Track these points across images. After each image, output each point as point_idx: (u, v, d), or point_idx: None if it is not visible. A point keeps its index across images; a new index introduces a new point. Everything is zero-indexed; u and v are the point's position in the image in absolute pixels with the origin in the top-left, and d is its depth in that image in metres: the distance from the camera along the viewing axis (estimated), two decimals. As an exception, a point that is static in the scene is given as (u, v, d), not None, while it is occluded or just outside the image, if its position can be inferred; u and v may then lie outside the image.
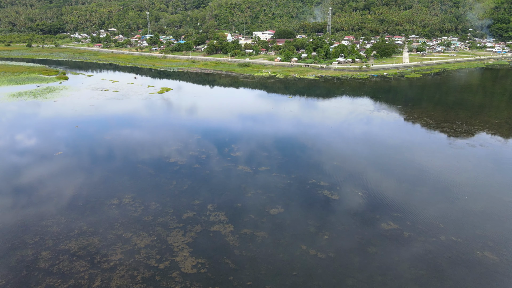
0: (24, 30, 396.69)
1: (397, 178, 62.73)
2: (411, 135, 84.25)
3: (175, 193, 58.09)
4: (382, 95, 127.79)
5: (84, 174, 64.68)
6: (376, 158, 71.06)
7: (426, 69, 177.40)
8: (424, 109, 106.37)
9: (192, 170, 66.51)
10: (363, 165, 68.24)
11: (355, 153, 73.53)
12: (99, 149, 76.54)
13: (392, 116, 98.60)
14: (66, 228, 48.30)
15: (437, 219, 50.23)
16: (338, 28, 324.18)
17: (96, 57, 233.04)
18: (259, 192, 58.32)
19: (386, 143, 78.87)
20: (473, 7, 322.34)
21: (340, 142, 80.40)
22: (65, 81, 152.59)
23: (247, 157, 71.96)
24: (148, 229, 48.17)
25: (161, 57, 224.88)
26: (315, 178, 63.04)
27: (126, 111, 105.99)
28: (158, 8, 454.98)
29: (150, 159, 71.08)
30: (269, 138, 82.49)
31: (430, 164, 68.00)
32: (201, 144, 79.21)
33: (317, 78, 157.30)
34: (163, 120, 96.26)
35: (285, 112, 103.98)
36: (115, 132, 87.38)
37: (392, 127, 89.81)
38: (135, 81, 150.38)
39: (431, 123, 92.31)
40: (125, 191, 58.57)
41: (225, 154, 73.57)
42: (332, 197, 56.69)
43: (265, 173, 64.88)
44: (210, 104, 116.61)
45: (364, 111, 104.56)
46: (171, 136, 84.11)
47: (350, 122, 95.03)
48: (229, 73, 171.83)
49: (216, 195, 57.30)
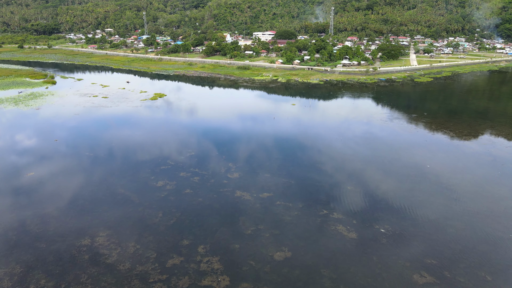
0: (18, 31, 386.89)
1: (423, 209, 52.96)
2: (432, 152, 74.43)
3: (160, 229, 48.39)
4: (393, 102, 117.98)
5: (54, 202, 54.92)
6: (396, 181, 61.31)
7: (436, 72, 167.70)
8: (441, 119, 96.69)
9: (182, 197, 56.80)
10: (382, 190, 58.53)
11: (371, 175, 63.79)
12: (77, 169, 66.79)
13: (407, 128, 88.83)
14: (20, 284, 38.55)
15: (481, 268, 40.54)
16: (341, 28, 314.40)
17: (89, 59, 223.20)
18: (261, 228, 48.62)
19: (405, 162, 69.11)
20: (480, 7, 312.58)
21: (352, 160, 70.60)
22: (52, 85, 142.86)
23: (246, 179, 62.27)
24: (122, 284, 38.46)
25: (157, 59, 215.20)
26: (327, 207, 53.36)
27: (112, 122, 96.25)
28: (156, 8, 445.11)
29: (134, 183, 61.36)
30: (271, 154, 72.75)
31: (461, 189, 58.27)
32: (194, 162, 69.50)
33: (322, 82, 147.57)
34: (153, 133, 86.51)
35: (288, 123, 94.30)
36: (98, 147, 77.63)
37: (409, 142, 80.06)
38: (127, 86, 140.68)
39: (452, 136, 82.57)
40: (100, 226, 48.88)
41: (221, 175, 63.88)
42: (349, 235, 46.98)
43: (268, 201, 55.19)
44: (206, 113, 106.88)
45: (376, 121, 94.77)
46: (160, 152, 74.36)
47: (362, 135, 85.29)
48: (227, 77, 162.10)
49: (209, 233, 47.62)
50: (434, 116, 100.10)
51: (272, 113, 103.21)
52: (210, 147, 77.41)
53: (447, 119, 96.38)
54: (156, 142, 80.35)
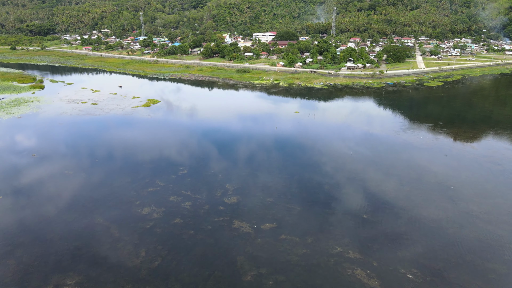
0: (13, 32, 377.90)
1: (455, 247, 44.54)
2: (455, 170, 66.01)
3: (142, 274, 40.06)
4: (403, 109, 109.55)
5: (19, 238, 46.57)
6: (420, 208, 52.88)
7: (446, 76, 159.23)
8: (460, 129, 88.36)
9: (170, 228, 48.45)
10: (404, 219, 50.12)
11: (388, 200, 55.38)
12: (52, 193, 58.39)
13: (424, 141, 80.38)
14: None
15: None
16: (343, 29, 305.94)
17: (82, 61, 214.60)
18: (263, 272, 40.31)
19: (427, 183, 60.68)
20: (486, 7, 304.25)
21: (365, 180, 62.17)
22: (40, 90, 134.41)
23: (246, 205, 53.92)
24: None
25: (153, 61, 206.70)
26: (340, 243, 45.02)
27: (98, 132, 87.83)
28: (154, 8, 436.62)
29: (116, 209, 53.00)
30: (274, 174, 64.29)
31: (495, 218, 49.87)
32: (186, 182, 61.14)
33: (326, 87, 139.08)
34: (141, 147, 78.04)
35: (292, 134, 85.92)
36: (78, 163, 69.21)
37: (428, 158, 71.62)
38: (120, 91, 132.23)
39: (475, 150, 74.19)
40: (69, 270, 40.56)
41: (217, 200, 55.52)
42: (370, 282, 38.63)
43: (271, 235, 46.83)
44: (201, 123, 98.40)
45: (389, 132, 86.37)
46: (149, 170, 65.93)
47: (374, 149, 76.89)
48: (226, 81, 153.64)
49: (200, 279, 39.32)
50: (451, 125, 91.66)
51: (273, 122, 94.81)
52: (205, 163, 69.00)
53: (466, 130, 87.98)
54: (144, 157, 71.92)
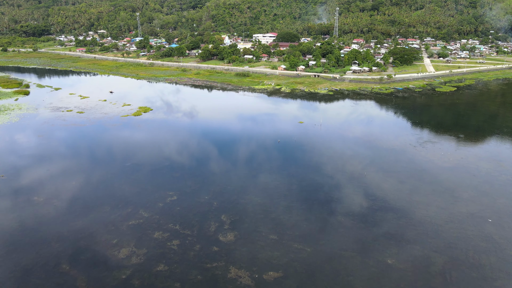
0: (6, 33, 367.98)
1: None
2: (489, 195, 56.68)
3: None
4: (417, 118, 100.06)
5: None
6: (453, 250, 43.55)
7: (457, 80, 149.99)
8: (483, 143, 79.10)
9: (151, 280, 39.16)
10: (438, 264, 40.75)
11: (413, 237, 46.03)
12: (15, 227, 49.02)
13: (446, 157, 71.01)
14: None
15: None
16: (346, 30, 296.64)
17: (74, 64, 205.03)
18: None
19: (457, 213, 51.39)
20: (492, 7, 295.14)
21: (386, 209, 52.78)
22: (24, 97, 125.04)
23: (245, 245, 44.63)
24: None
25: (148, 64, 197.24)
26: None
27: (79, 148, 78.29)
28: (152, 9, 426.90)
29: (88, 253, 43.68)
30: (279, 202, 54.92)
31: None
32: (174, 213, 51.85)
33: (331, 92, 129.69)
34: (126, 165, 68.63)
35: (297, 149, 76.54)
36: (51, 186, 59.87)
37: (454, 180, 62.31)
38: (110, 97, 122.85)
39: (507, 168, 64.83)
40: None
41: (210, 237, 46.23)
42: None
43: (276, 291, 37.51)
44: (195, 136, 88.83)
45: (405, 146, 77.00)
46: (132, 195, 56.60)
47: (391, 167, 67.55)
48: (224, 85, 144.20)
49: None
50: (474, 138, 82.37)
51: (276, 134, 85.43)
52: (198, 187, 59.63)
53: (491, 143, 78.68)
54: (128, 179, 62.57)
